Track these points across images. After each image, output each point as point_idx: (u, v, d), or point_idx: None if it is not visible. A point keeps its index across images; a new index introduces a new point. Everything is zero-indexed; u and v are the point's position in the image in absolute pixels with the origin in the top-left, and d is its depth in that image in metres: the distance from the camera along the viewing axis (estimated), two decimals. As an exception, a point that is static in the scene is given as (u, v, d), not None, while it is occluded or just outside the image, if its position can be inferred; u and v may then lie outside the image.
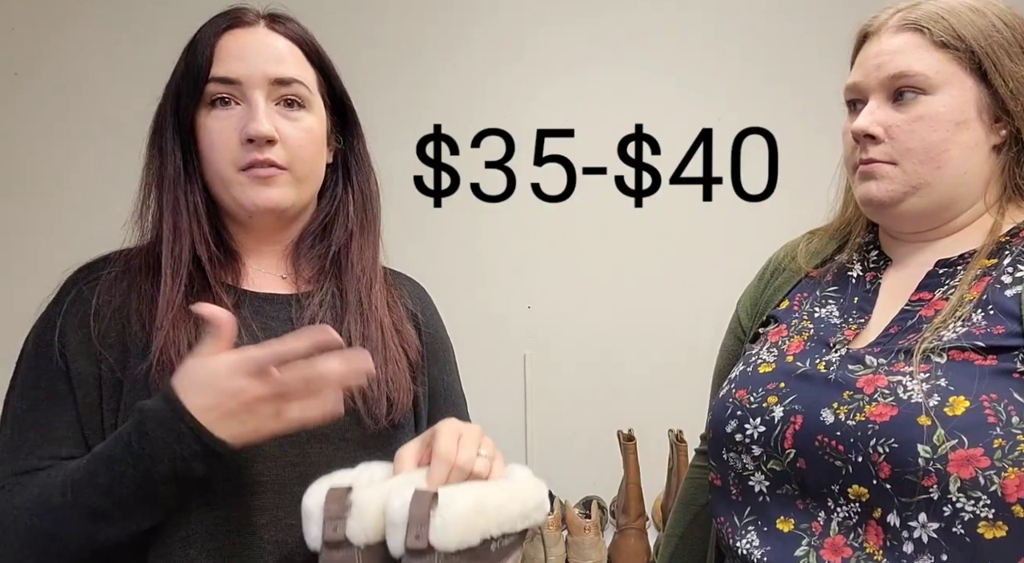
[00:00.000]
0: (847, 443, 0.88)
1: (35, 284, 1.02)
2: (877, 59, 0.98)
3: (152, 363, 0.93)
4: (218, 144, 0.98)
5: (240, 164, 0.98)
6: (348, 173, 1.11)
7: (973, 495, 0.81)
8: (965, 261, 0.97)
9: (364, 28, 2.44)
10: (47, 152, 2.37)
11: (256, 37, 1.00)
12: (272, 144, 0.98)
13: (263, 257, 1.07)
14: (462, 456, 0.85)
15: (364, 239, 1.09)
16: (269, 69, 0.99)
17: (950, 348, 0.88)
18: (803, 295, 1.10)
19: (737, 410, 1.00)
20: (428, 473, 0.84)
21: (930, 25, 0.95)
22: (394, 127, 2.41)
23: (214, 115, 0.99)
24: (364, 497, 0.80)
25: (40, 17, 2.38)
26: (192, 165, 1.00)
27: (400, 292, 1.14)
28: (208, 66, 0.98)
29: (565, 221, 2.48)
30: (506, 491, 0.84)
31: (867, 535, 0.88)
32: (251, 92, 0.98)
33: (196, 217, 1.00)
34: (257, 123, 0.96)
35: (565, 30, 2.48)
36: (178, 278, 0.98)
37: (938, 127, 0.94)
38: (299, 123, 1.01)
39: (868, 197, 0.98)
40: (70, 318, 0.97)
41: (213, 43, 0.99)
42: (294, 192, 1.01)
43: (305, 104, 1.02)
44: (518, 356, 2.47)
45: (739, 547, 0.97)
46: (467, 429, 0.89)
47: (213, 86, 0.98)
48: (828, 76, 1.38)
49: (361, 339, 1.04)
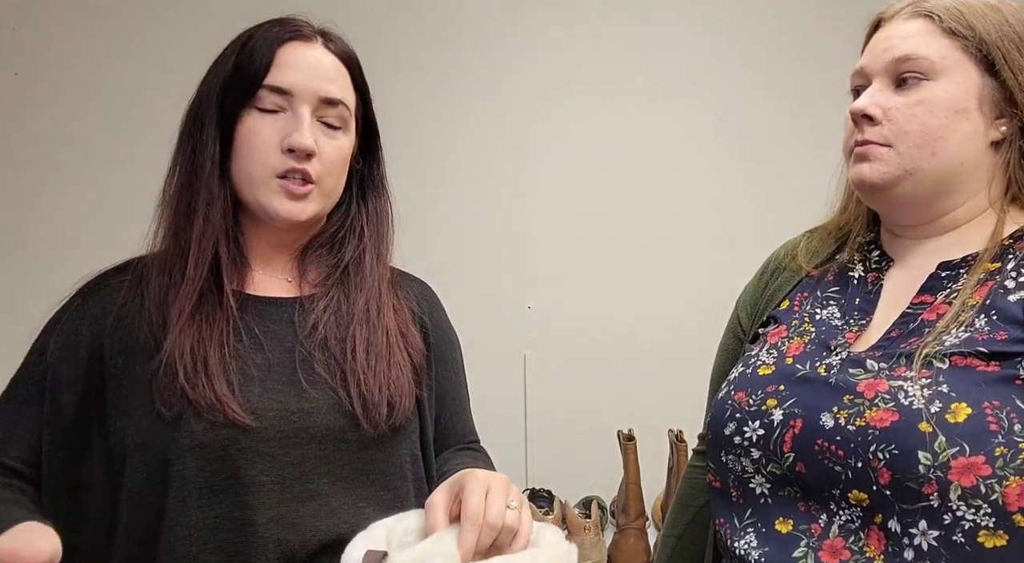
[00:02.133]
0: (847, 448, 0.87)
1: (35, 285, 1.03)
2: (885, 43, 0.98)
3: (159, 366, 0.96)
4: (258, 147, 1.01)
5: (277, 171, 1.00)
6: (363, 194, 1.14)
7: (974, 503, 0.80)
8: (968, 264, 0.96)
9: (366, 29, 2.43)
10: (47, 152, 2.37)
11: (313, 53, 1.04)
12: (310, 157, 1.01)
13: (271, 261, 1.09)
14: (491, 513, 0.84)
15: (376, 256, 1.13)
16: (321, 87, 1.02)
17: (952, 354, 0.87)
18: (803, 295, 1.09)
19: (736, 412, 1.00)
20: (459, 536, 0.83)
21: (941, 13, 0.95)
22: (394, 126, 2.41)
23: (260, 118, 1.01)
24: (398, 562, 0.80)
25: (40, 17, 2.37)
26: (226, 164, 1.03)
27: (407, 294, 1.16)
28: (265, 72, 1.01)
29: (565, 221, 2.48)
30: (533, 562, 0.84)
31: (869, 540, 0.87)
32: (300, 105, 1.01)
33: (224, 215, 1.03)
34: (302, 136, 1.00)
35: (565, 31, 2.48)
36: (199, 273, 1.00)
37: (937, 113, 0.93)
38: (335, 141, 1.04)
39: (860, 178, 0.98)
40: (70, 323, 1.00)
41: (273, 50, 1.02)
42: (319, 206, 1.05)
43: (343, 126, 1.06)
44: (518, 356, 2.46)
45: (737, 548, 0.97)
46: (494, 481, 0.89)
47: (265, 93, 1.01)
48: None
49: (366, 344, 1.05)
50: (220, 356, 0.98)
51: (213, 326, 0.99)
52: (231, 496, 0.94)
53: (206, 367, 0.96)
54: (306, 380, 1.01)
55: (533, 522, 0.90)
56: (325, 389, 1.01)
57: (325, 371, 1.02)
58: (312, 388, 1.00)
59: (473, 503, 0.85)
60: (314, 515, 0.97)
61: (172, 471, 0.93)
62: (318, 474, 0.98)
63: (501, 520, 0.85)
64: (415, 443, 1.09)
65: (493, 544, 0.85)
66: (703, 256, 2.46)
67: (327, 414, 1.00)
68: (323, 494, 0.98)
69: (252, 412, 0.96)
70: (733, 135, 2.49)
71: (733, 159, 2.49)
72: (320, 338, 1.04)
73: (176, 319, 0.97)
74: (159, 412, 0.94)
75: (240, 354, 1.00)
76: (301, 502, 0.96)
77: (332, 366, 1.03)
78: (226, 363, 0.98)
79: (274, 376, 1.00)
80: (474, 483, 0.87)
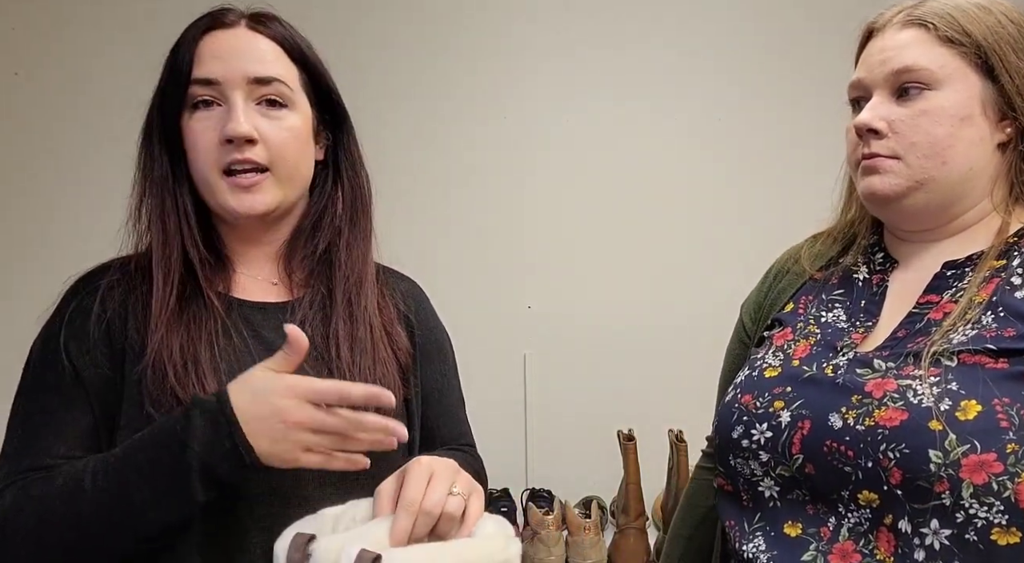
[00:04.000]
0: (856, 448, 0.87)
1: (35, 286, 1.02)
2: (882, 55, 0.97)
3: (147, 366, 0.94)
4: (200, 146, 0.98)
5: (221, 165, 0.98)
6: (338, 169, 1.11)
7: (986, 501, 0.80)
8: (973, 262, 0.96)
9: (366, 26, 2.43)
10: (47, 153, 2.36)
11: (236, 37, 1.01)
12: (252, 144, 0.98)
13: (254, 262, 1.07)
14: (429, 500, 0.84)
15: (353, 236, 1.09)
16: (248, 68, 0.99)
17: (960, 351, 0.87)
18: (808, 298, 1.09)
19: (743, 415, 1.00)
20: (393, 522, 0.83)
21: (935, 21, 0.95)
22: (394, 125, 2.41)
23: (196, 117, 0.99)
24: (322, 548, 0.80)
25: (40, 17, 2.37)
26: (180, 168, 1.01)
27: (393, 292, 1.14)
28: (189, 68, 0.98)
29: (565, 221, 2.48)
30: (458, 555, 0.82)
31: (878, 541, 0.87)
32: (230, 92, 0.98)
33: (185, 219, 1.01)
34: (235, 123, 0.96)
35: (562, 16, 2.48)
36: (169, 281, 0.98)
37: (943, 122, 0.93)
38: (281, 122, 1.00)
39: (871, 191, 0.97)
40: (76, 327, 0.98)
41: (194, 45, 0.99)
42: (279, 194, 1.01)
43: (287, 103, 1.01)
44: (518, 356, 2.46)
45: (745, 551, 0.97)
46: (439, 467, 0.88)
47: (194, 88, 0.98)
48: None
49: (349, 340, 1.04)
50: (211, 356, 0.96)
51: (202, 327, 0.97)
52: (220, 502, 0.92)
53: (196, 366, 0.94)
54: None
55: (483, 512, 0.89)
56: None
57: (313, 371, 1.00)
58: None
59: (411, 489, 0.85)
60: None
61: None
62: (307, 479, 0.97)
63: (439, 508, 0.84)
64: (404, 446, 1.07)
65: (434, 532, 0.85)
66: (703, 256, 2.47)
67: None
68: (312, 499, 0.95)
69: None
70: (734, 135, 2.49)
71: (734, 160, 2.49)
72: (307, 337, 1.03)
73: (156, 323, 0.95)
74: (148, 413, 0.92)
75: (230, 356, 0.98)
76: (291, 508, 0.94)
77: (319, 366, 1.01)
78: (216, 363, 0.96)
79: None
80: (416, 469, 0.87)
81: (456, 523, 0.86)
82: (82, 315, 0.98)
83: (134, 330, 0.97)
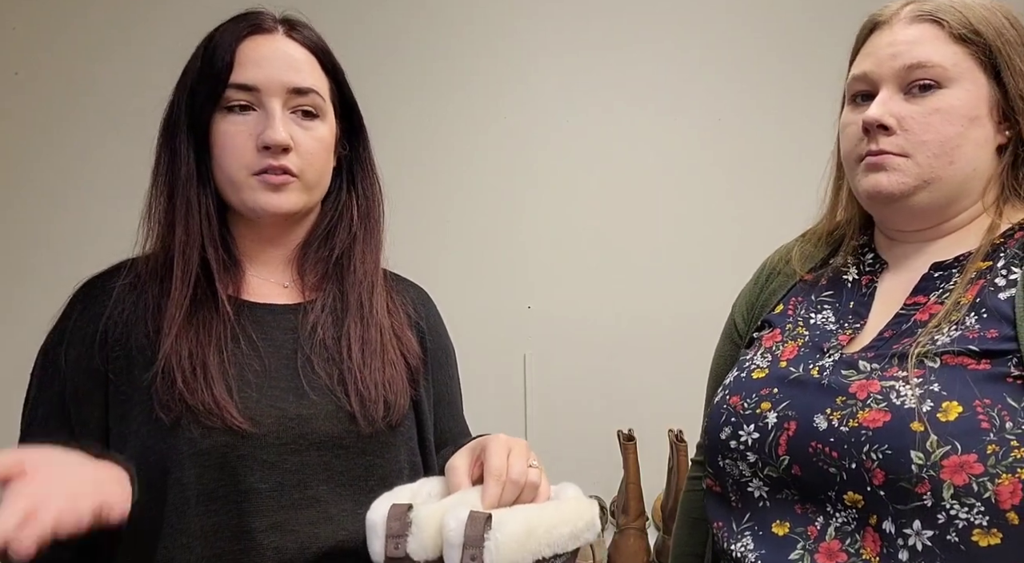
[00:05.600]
0: (841, 449, 0.87)
1: (35, 286, 1.03)
2: (892, 49, 0.96)
3: (157, 372, 0.95)
4: (233, 148, 0.99)
5: (254, 169, 0.99)
6: (352, 179, 1.12)
7: (967, 502, 0.80)
8: (960, 264, 0.96)
9: (366, 27, 2.44)
10: (47, 153, 2.37)
11: (275, 45, 1.02)
12: (287, 152, 0.99)
13: (266, 264, 1.08)
14: (514, 471, 0.88)
15: (367, 244, 1.11)
16: (287, 78, 1.00)
17: (943, 352, 0.87)
18: (798, 299, 1.09)
19: (731, 416, 1.00)
20: (483, 491, 0.87)
21: (947, 17, 0.94)
22: (394, 126, 2.41)
23: (230, 120, 1.00)
24: (423, 515, 0.83)
25: (40, 17, 2.38)
26: (205, 167, 1.02)
27: (403, 298, 1.15)
28: (228, 71, 0.99)
29: (565, 221, 2.48)
30: (557, 513, 0.87)
31: (864, 541, 0.87)
32: (269, 100, 0.99)
33: (208, 220, 1.02)
34: (274, 131, 0.98)
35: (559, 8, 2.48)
36: (187, 281, 0.99)
37: (953, 121, 0.92)
38: (312, 132, 1.02)
39: (877, 189, 0.95)
40: (77, 333, 0.99)
41: (233, 48, 1.00)
42: (304, 198, 1.03)
43: (319, 113, 1.03)
44: (518, 356, 2.46)
45: (734, 551, 0.97)
46: (515, 443, 0.92)
47: (232, 92, 0.99)
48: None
49: (360, 342, 1.05)
50: (219, 361, 0.97)
51: (211, 332, 0.98)
52: (229, 503, 0.93)
53: (205, 372, 0.95)
54: (308, 384, 1.00)
55: (551, 484, 0.94)
56: (325, 393, 1.00)
57: (324, 373, 1.01)
58: (313, 392, 1.00)
59: (496, 460, 0.88)
60: (312, 522, 0.96)
61: (170, 479, 0.92)
62: (317, 481, 0.98)
63: (524, 477, 0.88)
64: (413, 449, 1.08)
65: (516, 502, 0.88)
66: (703, 256, 2.46)
67: (326, 420, 0.99)
68: (322, 501, 0.97)
69: (250, 418, 0.95)
70: (734, 136, 2.49)
71: (734, 160, 2.49)
72: (319, 340, 1.03)
73: (170, 326, 0.96)
74: (158, 418, 0.93)
75: (239, 360, 0.99)
76: (300, 509, 0.96)
77: (330, 367, 1.02)
78: (225, 368, 0.97)
79: (272, 382, 0.99)
80: (495, 444, 0.90)
81: (537, 493, 0.90)
82: (87, 321, 0.99)
83: (143, 335, 0.98)
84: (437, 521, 0.82)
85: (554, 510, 0.87)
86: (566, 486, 0.95)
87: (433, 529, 0.82)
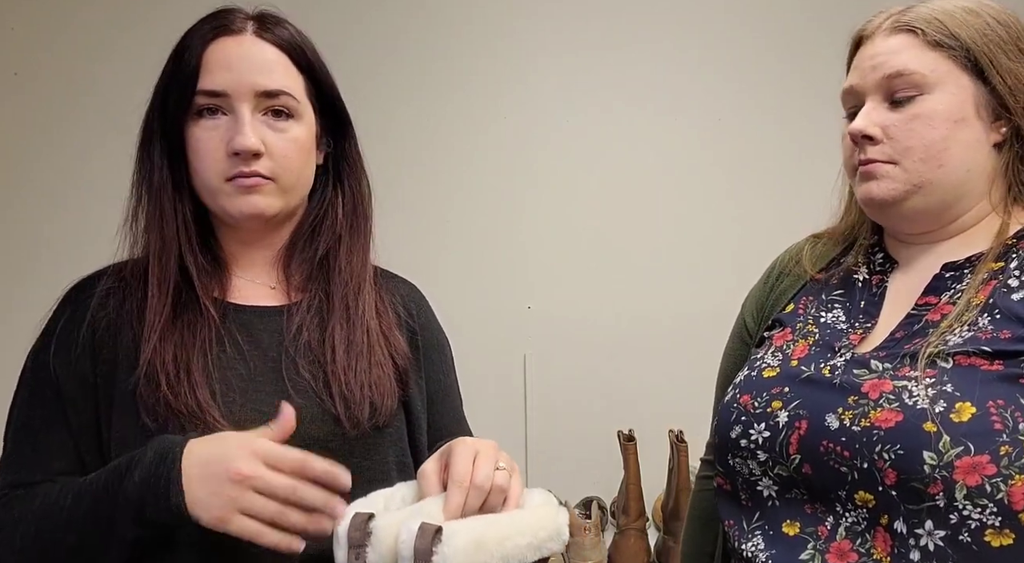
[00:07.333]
0: (852, 449, 0.88)
1: (34, 286, 1.02)
2: (872, 61, 0.98)
3: (139, 376, 0.94)
4: (204, 155, 0.98)
5: (226, 175, 0.98)
6: (339, 175, 1.10)
7: (979, 503, 0.80)
8: (972, 264, 0.96)
9: (365, 27, 2.43)
10: (47, 153, 2.37)
11: (243, 46, 0.99)
12: (258, 157, 0.97)
13: (252, 266, 1.07)
14: (478, 475, 0.85)
15: (353, 242, 1.09)
16: (255, 81, 0.98)
17: (956, 353, 0.88)
18: (808, 299, 1.10)
19: (742, 415, 1.00)
20: (445, 499, 0.85)
21: (923, 26, 0.96)
22: (394, 126, 2.41)
23: (202, 125, 0.98)
24: (382, 526, 0.82)
25: (40, 17, 2.37)
26: (180, 174, 1.00)
27: (393, 296, 1.14)
28: (195, 77, 0.97)
29: (565, 221, 2.48)
30: (511, 523, 0.84)
31: (875, 541, 0.87)
32: (237, 104, 0.97)
33: (184, 226, 1.01)
34: (243, 137, 0.96)
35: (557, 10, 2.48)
36: (165, 289, 0.98)
37: (936, 125, 0.94)
38: (286, 134, 1.00)
39: (869, 197, 0.98)
40: (64, 337, 0.98)
41: (200, 52, 0.98)
42: (280, 200, 1.01)
43: (293, 114, 1.01)
44: (518, 356, 2.46)
45: (744, 550, 0.97)
46: (482, 446, 0.89)
47: (200, 98, 0.98)
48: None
49: (345, 343, 1.03)
50: (204, 364, 0.96)
51: (196, 335, 0.97)
52: None
53: (189, 375, 0.94)
54: (292, 386, 0.99)
55: (523, 487, 0.91)
56: (309, 395, 0.99)
57: (309, 375, 1.01)
58: (297, 394, 0.98)
59: (460, 466, 0.86)
60: None
61: None
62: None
63: (489, 482, 0.85)
64: (403, 450, 1.07)
65: (484, 507, 0.86)
66: (703, 256, 2.46)
67: (310, 423, 0.98)
68: None
69: (234, 422, 0.94)
70: (734, 136, 2.49)
71: (734, 160, 2.49)
72: (304, 341, 1.02)
73: (150, 332, 0.95)
74: (143, 423, 0.92)
75: (223, 363, 0.98)
76: None
77: (315, 369, 1.01)
78: (209, 372, 0.96)
79: (257, 385, 0.99)
80: (461, 448, 0.88)
81: (504, 497, 0.88)
82: (74, 326, 0.98)
83: (128, 339, 0.97)
84: (395, 532, 0.81)
85: (508, 521, 0.84)
86: (534, 493, 0.92)
87: (391, 540, 0.81)
